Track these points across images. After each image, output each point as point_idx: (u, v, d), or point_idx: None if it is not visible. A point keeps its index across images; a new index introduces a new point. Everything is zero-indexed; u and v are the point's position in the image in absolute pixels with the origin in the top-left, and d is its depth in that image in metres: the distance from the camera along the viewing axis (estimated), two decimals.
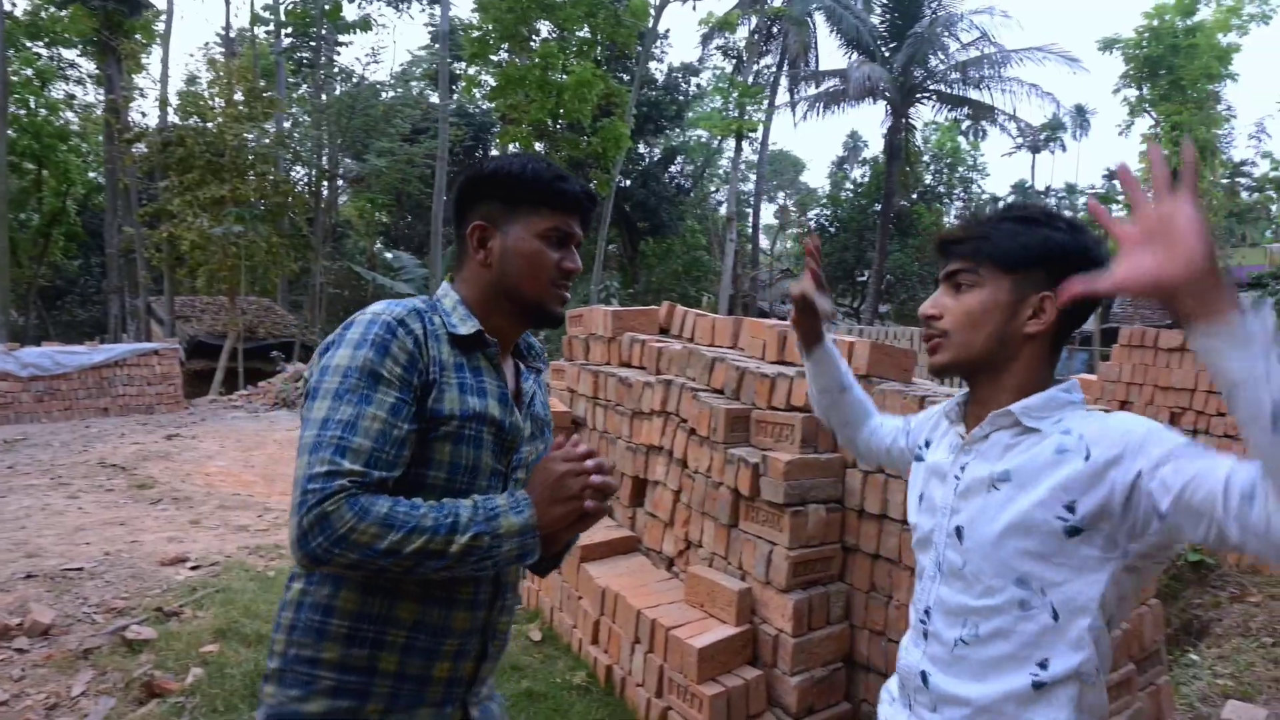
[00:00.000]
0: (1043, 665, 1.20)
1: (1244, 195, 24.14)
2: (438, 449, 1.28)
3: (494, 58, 21.31)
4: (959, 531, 1.28)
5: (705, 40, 28.58)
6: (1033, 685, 1.20)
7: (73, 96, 26.38)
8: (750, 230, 30.44)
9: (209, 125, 17.63)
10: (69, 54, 24.76)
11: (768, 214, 38.10)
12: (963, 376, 1.35)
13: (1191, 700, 4.00)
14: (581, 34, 20.65)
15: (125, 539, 5.52)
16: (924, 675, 1.31)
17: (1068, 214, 1.33)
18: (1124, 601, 1.22)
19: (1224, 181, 23.78)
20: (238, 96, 18.13)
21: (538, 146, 21.05)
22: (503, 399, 1.37)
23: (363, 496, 1.15)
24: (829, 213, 30.34)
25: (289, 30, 24.10)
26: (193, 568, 4.91)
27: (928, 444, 1.46)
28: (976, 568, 1.25)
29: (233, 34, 25.68)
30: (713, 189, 35.95)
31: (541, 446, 1.50)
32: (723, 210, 31.25)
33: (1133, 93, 24.62)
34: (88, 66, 24.91)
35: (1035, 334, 1.26)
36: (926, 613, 1.33)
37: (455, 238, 1.45)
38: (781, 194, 42.86)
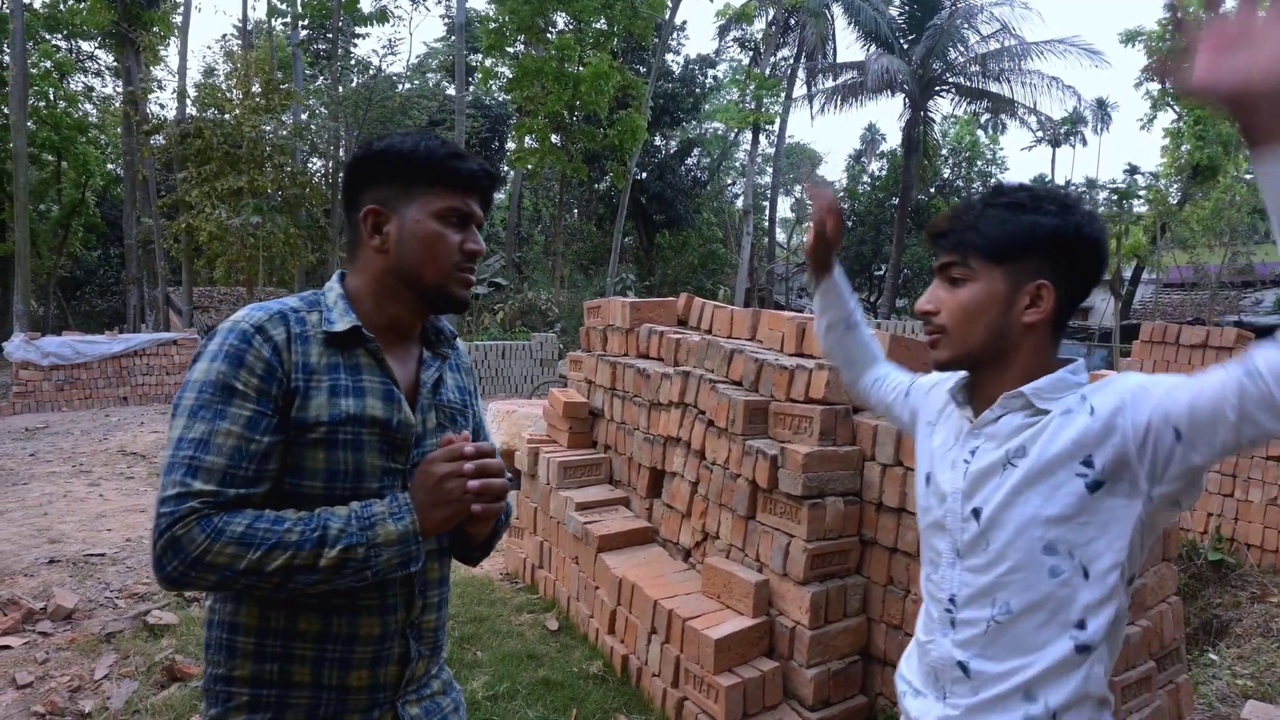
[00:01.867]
0: (1081, 626, 1.19)
1: None
2: (310, 456, 1.21)
3: (510, 49, 21.33)
4: (976, 513, 1.26)
5: (722, 32, 28.51)
6: (1075, 649, 1.19)
7: (91, 89, 26.59)
8: (767, 223, 30.36)
9: (226, 117, 17.72)
10: (87, 46, 24.97)
11: (784, 207, 37.99)
12: (966, 370, 1.34)
13: (1210, 700, 3.96)
14: (598, 25, 20.62)
15: (146, 526, 5.57)
16: (962, 665, 1.27)
17: (1057, 191, 1.28)
18: (1145, 551, 1.21)
19: (1248, 177, 23.51)
20: (255, 88, 18.20)
21: (554, 139, 21.06)
22: (388, 396, 1.29)
23: (216, 517, 1.11)
24: (846, 206, 30.20)
25: (305, 22, 24.20)
26: None
27: (930, 424, 1.45)
28: (1001, 545, 1.22)
29: (249, 26, 25.80)
30: (729, 182, 35.86)
31: (455, 435, 1.41)
32: (739, 203, 31.15)
33: (1155, 86, 24.39)
34: (106, 59, 25.13)
35: (1034, 323, 1.24)
36: (952, 600, 1.29)
37: (347, 224, 1.37)
38: (798, 187, 42.70)
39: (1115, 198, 25.77)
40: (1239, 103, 0.92)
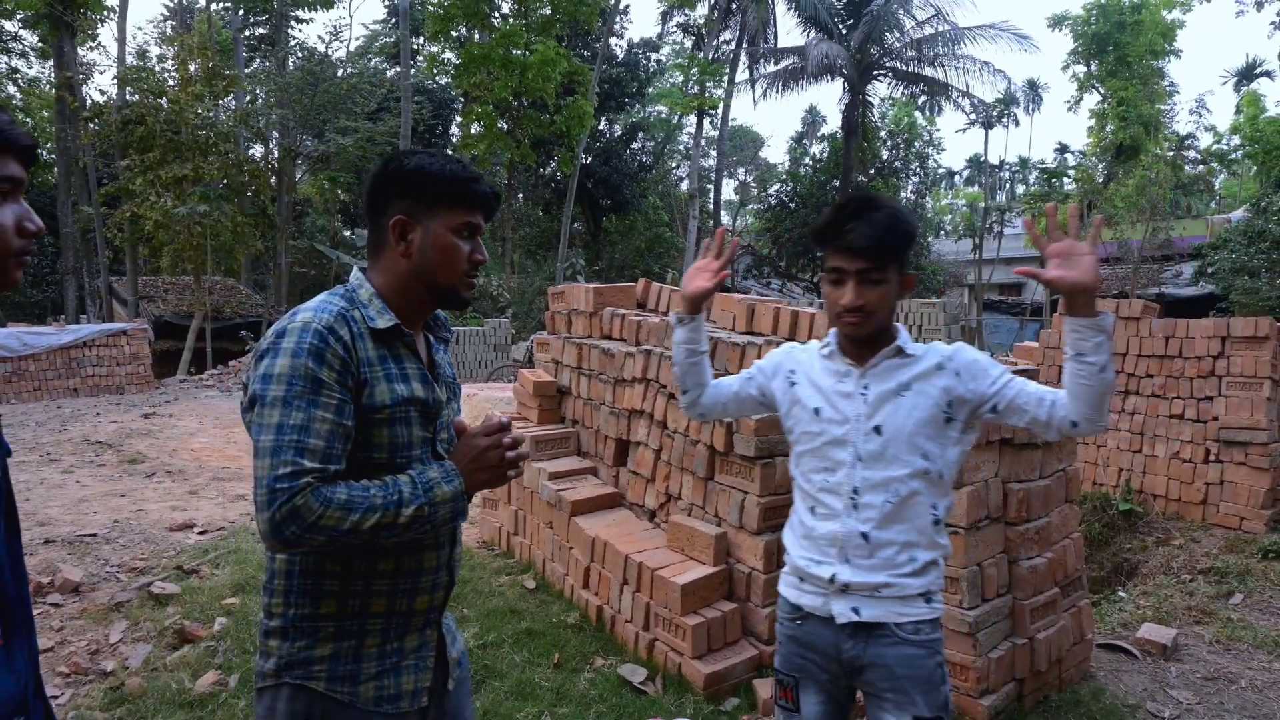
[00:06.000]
0: (934, 507, 1.84)
1: (1188, 169, 25.02)
2: (377, 434, 1.47)
3: (454, 34, 21.29)
4: (878, 429, 1.82)
5: (665, 16, 28.74)
6: (933, 521, 1.85)
7: (15, 70, 25.72)
8: (711, 206, 30.78)
9: (162, 101, 17.38)
10: (10, 26, 24.12)
11: (728, 190, 38.47)
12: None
13: (1113, 625, 4.51)
14: (543, 11, 20.72)
15: (130, 508, 5.78)
16: (864, 535, 1.81)
17: (903, 206, 1.94)
18: (960, 465, 1.90)
19: (1168, 155, 24.66)
20: (192, 70, 17.83)
21: (501, 125, 21.15)
22: (424, 379, 1.56)
23: (324, 488, 1.35)
24: (789, 188, 30.78)
25: (244, 5, 23.76)
26: (201, 532, 5.22)
27: (794, 373, 1.97)
28: (895, 451, 1.81)
29: (185, 2, 25.21)
30: (674, 165, 36.20)
31: (456, 405, 1.71)
32: (684, 187, 31.52)
33: (1081, 69, 25.41)
34: (31, 39, 24.30)
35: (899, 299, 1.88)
36: (855, 491, 1.83)
37: (370, 227, 1.61)
38: (742, 170, 43.25)
39: (1046, 177, 26.77)
40: (1069, 293, 1.65)
